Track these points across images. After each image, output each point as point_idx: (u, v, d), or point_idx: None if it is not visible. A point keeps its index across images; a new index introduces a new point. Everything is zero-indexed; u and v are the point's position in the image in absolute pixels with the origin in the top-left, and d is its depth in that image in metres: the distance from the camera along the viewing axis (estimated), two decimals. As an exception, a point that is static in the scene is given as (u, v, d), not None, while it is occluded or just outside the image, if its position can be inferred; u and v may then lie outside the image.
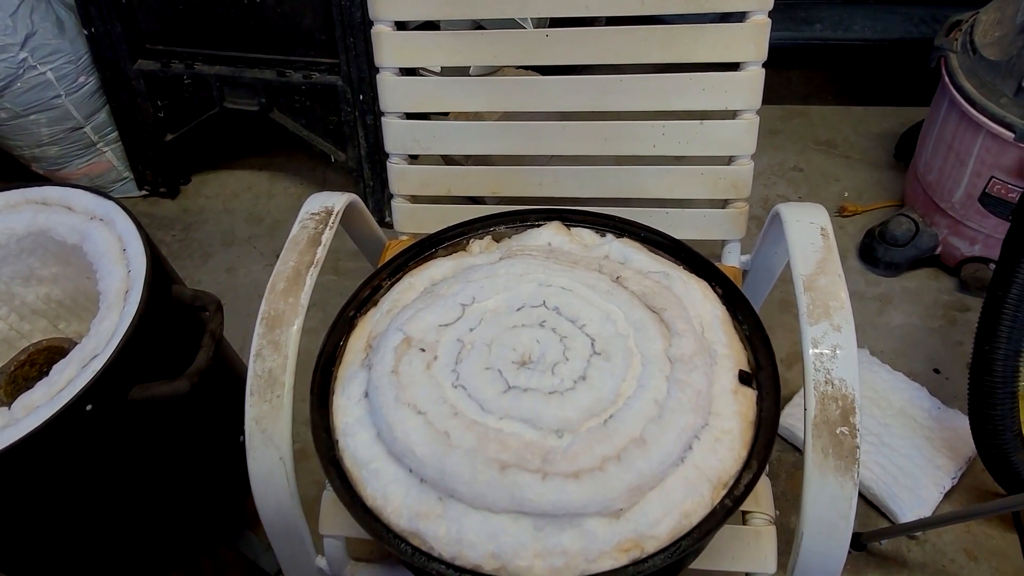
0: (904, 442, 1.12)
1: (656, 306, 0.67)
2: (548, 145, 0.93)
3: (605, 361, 0.62)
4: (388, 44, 0.88)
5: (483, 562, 0.54)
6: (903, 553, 1.06)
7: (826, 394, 0.64)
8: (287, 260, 0.77)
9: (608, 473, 0.55)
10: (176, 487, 0.92)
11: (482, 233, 0.79)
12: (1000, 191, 1.18)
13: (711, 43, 0.83)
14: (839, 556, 0.64)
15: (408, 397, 0.60)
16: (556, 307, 0.67)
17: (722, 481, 0.58)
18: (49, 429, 0.69)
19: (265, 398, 0.70)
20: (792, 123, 1.71)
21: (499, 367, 0.62)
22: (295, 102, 1.47)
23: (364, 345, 0.69)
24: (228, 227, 1.63)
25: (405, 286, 0.73)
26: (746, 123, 0.87)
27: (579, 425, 0.58)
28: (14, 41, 1.38)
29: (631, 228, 0.78)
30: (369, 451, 0.60)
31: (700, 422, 0.60)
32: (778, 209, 0.80)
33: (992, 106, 1.12)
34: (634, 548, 0.54)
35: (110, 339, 0.75)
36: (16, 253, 0.89)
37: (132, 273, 0.80)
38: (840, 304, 0.68)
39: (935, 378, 1.24)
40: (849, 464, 0.62)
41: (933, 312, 1.34)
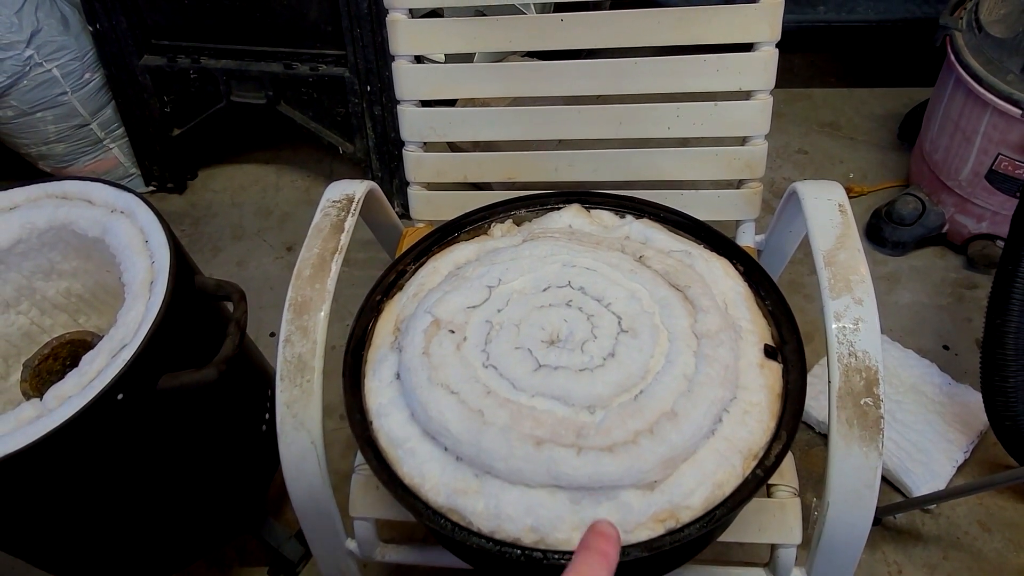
0: (916, 418, 1.14)
1: (680, 284, 0.68)
2: (563, 129, 0.93)
3: (633, 338, 0.63)
4: (403, 32, 0.89)
5: (522, 535, 0.55)
6: (917, 526, 1.08)
7: (850, 366, 0.65)
8: (311, 247, 0.77)
9: (641, 446, 0.56)
10: (201, 475, 0.93)
11: (503, 217, 0.80)
12: (1007, 168, 1.19)
13: (725, 24, 0.84)
14: (864, 525, 0.66)
15: (440, 377, 0.61)
16: (581, 287, 0.68)
17: (752, 452, 0.59)
18: (82, 418, 0.70)
19: (295, 383, 0.71)
20: (796, 106, 1.72)
21: (529, 346, 0.63)
22: (302, 94, 1.48)
23: (392, 328, 0.70)
24: (237, 221, 1.63)
25: (430, 270, 0.74)
26: (760, 103, 0.88)
27: (610, 400, 0.59)
28: (20, 39, 1.38)
29: (650, 209, 0.79)
30: (403, 431, 0.61)
31: (729, 395, 0.61)
32: (795, 187, 0.80)
33: (999, 83, 1.13)
34: (669, 518, 0.55)
35: (137, 329, 0.76)
36: (37, 248, 0.90)
37: (156, 264, 0.81)
38: (861, 278, 0.69)
39: (945, 354, 1.26)
40: (874, 434, 0.63)
41: (941, 290, 1.35)
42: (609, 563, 0.31)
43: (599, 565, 0.31)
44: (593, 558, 0.31)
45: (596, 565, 0.31)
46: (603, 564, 0.31)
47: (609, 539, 0.32)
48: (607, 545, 0.32)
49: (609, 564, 0.31)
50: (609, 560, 0.31)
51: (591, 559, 0.31)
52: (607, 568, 0.31)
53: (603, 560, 0.31)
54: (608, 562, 0.31)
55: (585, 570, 0.30)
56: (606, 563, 0.31)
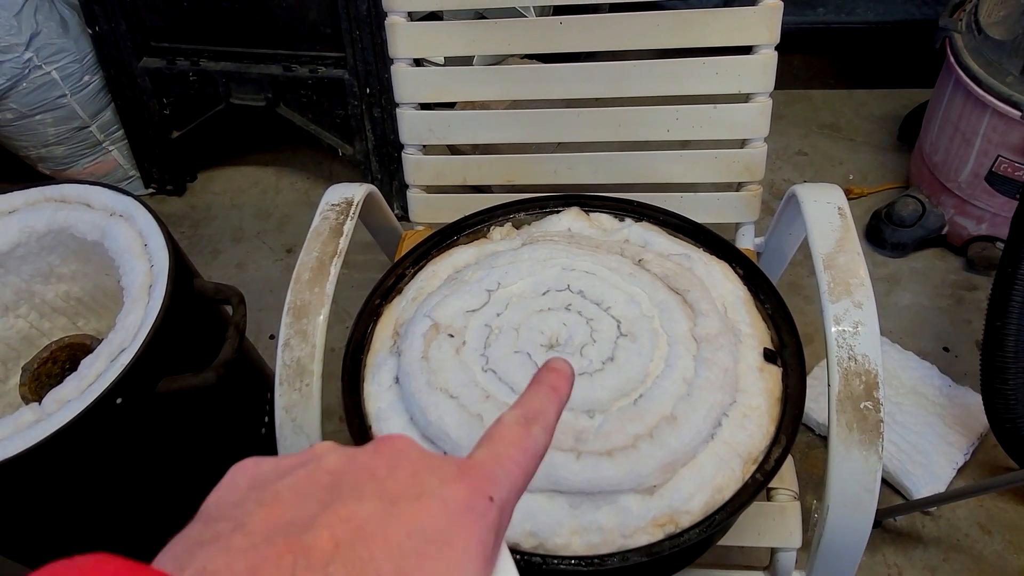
0: (916, 420, 1.14)
1: (679, 287, 0.68)
2: (562, 132, 0.93)
3: (632, 342, 0.63)
4: (402, 35, 0.89)
5: (521, 540, 0.55)
6: (918, 529, 1.08)
7: (849, 370, 0.65)
8: (311, 251, 0.77)
9: (641, 450, 0.56)
10: (200, 479, 0.93)
11: (502, 220, 0.80)
12: (1007, 170, 1.19)
13: (724, 27, 0.84)
14: (864, 530, 0.65)
15: (439, 382, 0.61)
16: (581, 290, 0.68)
17: (752, 456, 0.59)
18: (81, 423, 0.70)
19: (294, 387, 0.70)
20: (795, 107, 1.72)
21: (528, 350, 0.63)
22: (302, 96, 1.48)
23: (391, 332, 0.70)
24: (236, 223, 1.63)
25: (429, 273, 0.73)
26: (759, 106, 0.88)
27: (610, 405, 0.59)
28: (19, 41, 1.38)
29: (649, 212, 0.79)
30: (403, 435, 0.61)
31: (728, 399, 0.60)
32: (794, 190, 0.80)
33: (998, 85, 1.13)
34: (669, 523, 0.55)
35: (136, 333, 0.76)
36: (36, 251, 0.90)
37: (155, 268, 0.81)
38: (860, 281, 0.69)
39: (945, 356, 1.26)
40: (873, 438, 0.63)
41: (941, 291, 1.35)
42: (559, 398, 0.30)
43: (548, 398, 0.30)
44: (543, 390, 0.30)
45: (545, 398, 0.30)
46: (552, 398, 0.30)
47: (561, 375, 0.31)
48: (559, 380, 0.31)
49: (559, 399, 0.30)
50: (559, 395, 0.30)
51: (541, 392, 0.30)
52: (556, 402, 0.30)
53: (553, 394, 0.30)
54: (559, 397, 0.30)
55: (534, 403, 0.29)
56: (556, 397, 0.30)
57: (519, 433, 0.28)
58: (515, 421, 0.28)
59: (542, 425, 0.28)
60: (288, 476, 0.24)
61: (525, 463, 0.27)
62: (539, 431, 0.28)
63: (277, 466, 0.25)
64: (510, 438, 0.27)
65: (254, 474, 0.25)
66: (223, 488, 0.24)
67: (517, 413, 0.28)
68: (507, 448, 0.27)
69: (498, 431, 0.28)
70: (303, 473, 0.24)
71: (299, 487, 0.23)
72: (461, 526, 0.23)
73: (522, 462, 0.27)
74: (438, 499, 0.23)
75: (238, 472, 0.25)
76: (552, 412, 0.29)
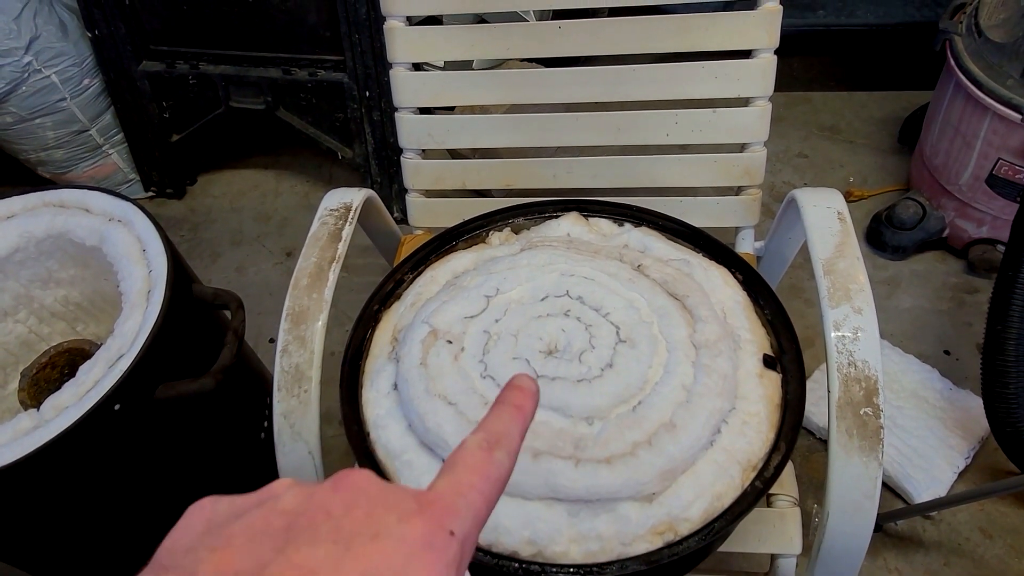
0: (917, 423, 1.14)
1: (678, 293, 0.68)
2: (562, 136, 0.93)
3: (631, 348, 0.63)
4: (401, 39, 0.89)
5: (519, 548, 0.55)
6: (919, 533, 1.07)
7: (849, 376, 0.65)
8: (309, 256, 0.77)
9: (640, 458, 0.56)
10: (199, 484, 0.92)
11: (501, 225, 0.80)
12: (1007, 172, 1.19)
13: (723, 31, 0.84)
14: (864, 536, 0.65)
15: (438, 388, 0.61)
16: (580, 296, 0.67)
17: (751, 463, 0.58)
18: (79, 429, 0.70)
19: (293, 393, 0.70)
20: (795, 110, 1.72)
21: (526, 357, 0.63)
22: (301, 100, 1.47)
23: (390, 338, 0.70)
24: (236, 226, 1.63)
25: (427, 279, 0.73)
26: (758, 110, 0.88)
27: (609, 411, 0.59)
28: (18, 45, 1.38)
29: (649, 217, 0.78)
30: (401, 442, 0.61)
31: (727, 406, 0.60)
32: (794, 195, 0.80)
33: (999, 88, 1.13)
34: (668, 531, 0.55)
35: (135, 339, 0.76)
36: (35, 256, 0.90)
37: (153, 273, 0.81)
38: (860, 287, 0.68)
39: (946, 359, 1.25)
40: (874, 444, 0.63)
41: (942, 294, 1.35)
42: (524, 417, 0.29)
43: (511, 418, 0.29)
44: (507, 411, 0.29)
45: (508, 419, 0.29)
46: (516, 418, 0.29)
47: (525, 392, 0.30)
48: (523, 398, 0.30)
49: (524, 418, 0.29)
50: (523, 414, 0.30)
51: (504, 413, 0.29)
52: (521, 422, 0.29)
53: (517, 414, 0.29)
54: (523, 416, 0.29)
55: (497, 425, 0.28)
56: (520, 417, 0.29)
57: (481, 458, 0.27)
58: (477, 446, 0.27)
59: (505, 449, 0.28)
60: (243, 518, 0.23)
61: (487, 490, 0.26)
62: (502, 455, 0.27)
63: (232, 506, 0.24)
64: (472, 464, 0.27)
65: (210, 516, 0.24)
66: (178, 531, 0.24)
67: (479, 437, 0.28)
68: (468, 475, 0.26)
69: (460, 457, 0.27)
70: (258, 515, 0.23)
71: (253, 530, 0.23)
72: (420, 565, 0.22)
73: (484, 489, 0.26)
74: (395, 538, 0.23)
75: (194, 513, 0.25)
76: (516, 434, 0.29)
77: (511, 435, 0.28)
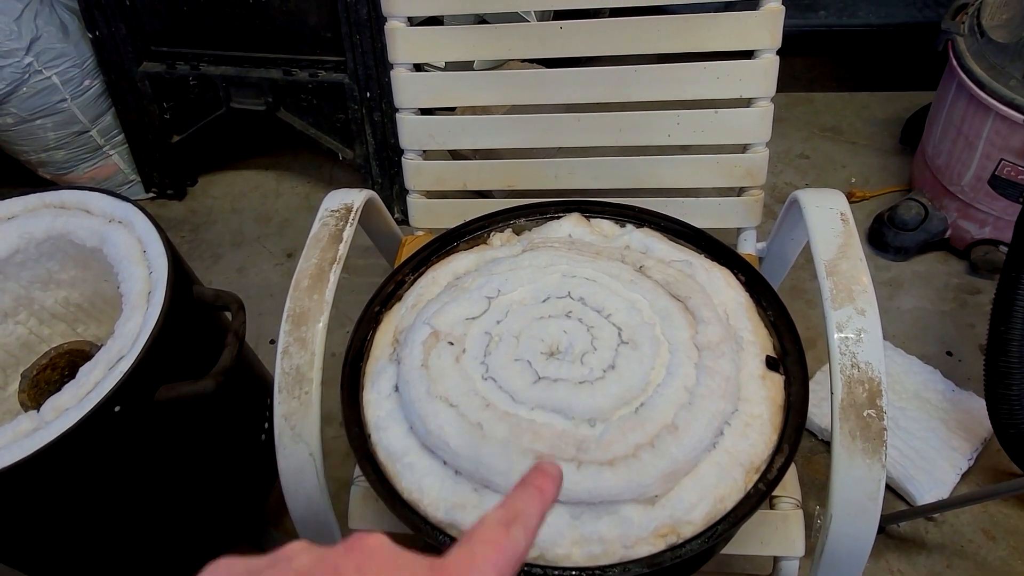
0: (920, 425, 1.13)
1: (680, 294, 0.68)
2: (563, 137, 0.93)
3: (633, 350, 0.63)
4: (402, 40, 0.89)
5: (521, 551, 0.54)
6: (921, 535, 1.07)
7: (852, 377, 0.64)
8: (310, 257, 0.77)
9: (642, 460, 0.56)
10: (199, 486, 0.92)
11: (502, 226, 0.80)
12: (1010, 173, 1.19)
13: (725, 32, 0.83)
14: (868, 538, 0.65)
15: (439, 390, 0.61)
16: (581, 297, 0.67)
17: (754, 466, 0.58)
18: (79, 431, 0.69)
19: (293, 395, 0.70)
20: (797, 110, 1.72)
21: (528, 358, 0.63)
22: (302, 101, 1.47)
23: (391, 340, 0.69)
24: (237, 227, 1.63)
25: (429, 280, 0.73)
26: (761, 111, 0.87)
27: (611, 413, 0.59)
28: (19, 46, 1.38)
29: (650, 218, 0.78)
30: (402, 445, 0.61)
31: (730, 408, 0.60)
32: (796, 196, 0.80)
33: (1001, 88, 1.12)
34: (671, 533, 0.55)
35: (135, 340, 0.75)
36: (35, 257, 0.89)
37: (154, 275, 0.81)
38: (863, 288, 0.68)
39: (948, 360, 1.25)
40: (877, 446, 0.63)
41: (944, 295, 1.35)
42: (544, 500, 0.30)
43: (532, 499, 0.30)
44: (528, 492, 0.30)
45: (529, 500, 0.29)
46: (537, 499, 0.30)
47: (548, 476, 0.31)
48: (546, 482, 0.31)
49: (544, 501, 0.30)
50: (545, 497, 0.30)
51: (526, 493, 0.30)
52: (541, 504, 0.30)
53: (538, 495, 0.30)
54: (544, 499, 0.30)
55: (518, 504, 0.29)
56: (541, 499, 0.30)
57: (498, 534, 0.27)
58: (496, 521, 0.28)
59: (523, 526, 0.28)
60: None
61: (502, 565, 0.27)
62: (519, 533, 0.28)
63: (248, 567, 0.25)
64: (488, 538, 0.27)
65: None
66: None
67: (499, 514, 0.28)
68: (484, 548, 0.27)
69: (477, 531, 0.27)
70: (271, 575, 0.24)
71: None
72: None
73: (499, 563, 0.26)
74: None
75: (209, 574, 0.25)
76: (535, 514, 0.29)
77: (530, 514, 0.29)
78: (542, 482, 0.31)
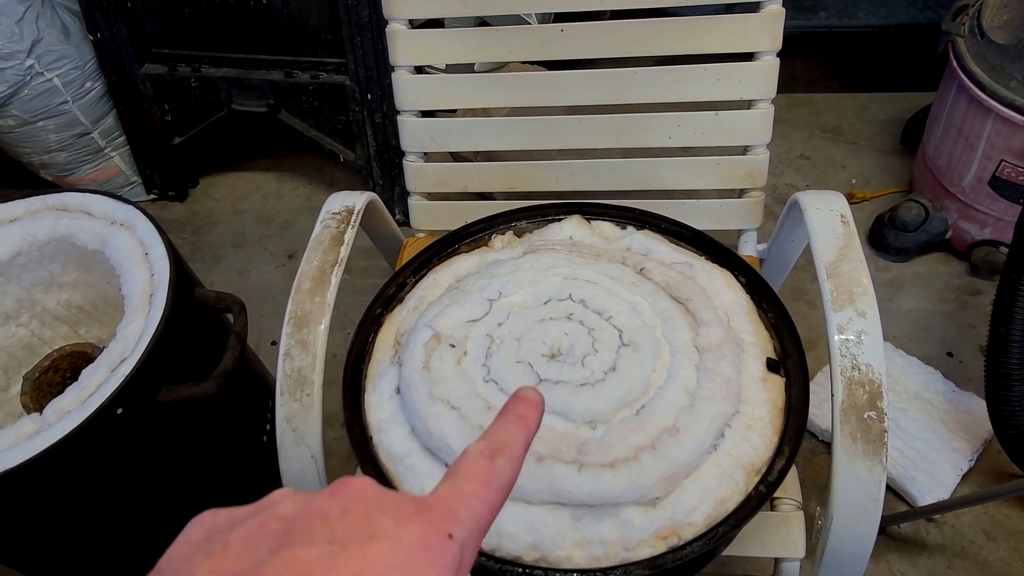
0: (920, 426, 1.13)
1: (681, 296, 0.68)
2: (564, 139, 0.93)
3: (634, 352, 0.63)
4: (403, 42, 0.89)
5: (523, 553, 0.55)
6: (922, 536, 1.07)
7: (853, 379, 0.65)
8: (311, 260, 0.77)
9: (643, 462, 0.56)
10: (201, 487, 0.92)
11: (503, 228, 0.80)
12: (1010, 174, 1.19)
13: (726, 34, 0.84)
14: (868, 539, 0.65)
15: (441, 393, 0.61)
16: (582, 300, 0.67)
17: (755, 468, 0.58)
18: (81, 433, 0.70)
19: (295, 397, 0.70)
20: (797, 111, 1.72)
21: (529, 360, 0.63)
22: (303, 102, 1.48)
23: (392, 342, 0.69)
24: (238, 229, 1.63)
25: (430, 282, 0.73)
26: (761, 112, 0.87)
27: (612, 416, 0.59)
28: (20, 48, 1.38)
29: (651, 220, 0.78)
30: (404, 447, 0.61)
31: (731, 410, 0.60)
32: (796, 197, 0.80)
33: (1002, 90, 1.13)
34: (672, 535, 0.55)
35: (137, 343, 0.76)
36: (38, 260, 0.90)
37: (155, 277, 0.81)
38: (864, 290, 0.68)
39: (949, 361, 1.25)
40: (877, 448, 0.63)
41: (944, 296, 1.35)
42: (527, 427, 0.30)
43: (515, 428, 0.29)
44: (510, 421, 0.29)
45: (512, 428, 0.29)
46: (520, 427, 0.29)
47: (529, 403, 0.30)
48: (527, 408, 0.30)
49: (527, 428, 0.30)
50: (527, 424, 0.30)
51: (508, 422, 0.29)
52: (524, 432, 0.29)
53: (520, 423, 0.29)
54: (526, 426, 0.30)
55: (500, 434, 0.29)
56: (524, 426, 0.29)
57: (483, 466, 0.27)
58: (479, 453, 0.27)
59: (508, 456, 0.28)
60: (241, 526, 0.24)
61: (489, 497, 0.26)
62: (504, 463, 0.27)
63: (232, 516, 0.25)
64: (473, 472, 0.27)
65: (209, 526, 0.24)
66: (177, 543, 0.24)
67: (481, 445, 0.28)
68: (469, 482, 0.26)
69: (461, 465, 0.27)
70: (255, 522, 0.24)
71: (249, 536, 0.23)
72: (416, 565, 0.23)
73: (485, 496, 0.26)
74: (391, 540, 0.23)
75: (194, 525, 0.25)
76: (519, 442, 0.29)
77: (514, 443, 0.29)
78: (524, 409, 0.30)
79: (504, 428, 0.29)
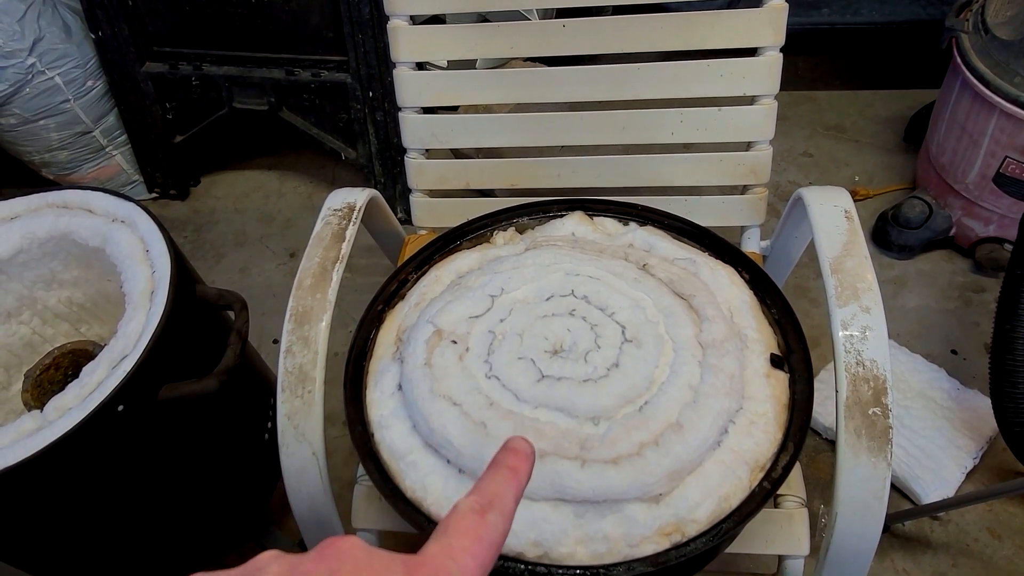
0: (925, 424, 1.13)
1: (684, 292, 0.67)
2: (566, 136, 0.93)
3: (637, 348, 0.62)
4: (405, 39, 0.88)
5: (525, 550, 0.54)
6: (926, 534, 1.07)
7: (857, 375, 0.64)
8: (312, 256, 0.77)
9: (646, 458, 0.55)
10: (203, 485, 0.92)
11: (505, 225, 0.79)
12: (1015, 171, 1.18)
13: (729, 29, 0.83)
14: (873, 536, 0.65)
15: (442, 389, 0.61)
16: (585, 296, 0.67)
17: (759, 464, 0.58)
18: (82, 431, 0.69)
19: (296, 394, 0.70)
20: (800, 108, 1.71)
21: (532, 357, 0.62)
22: (304, 100, 1.47)
23: (394, 339, 0.69)
24: (239, 227, 1.63)
25: (432, 279, 0.73)
26: (764, 108, 0.87)
27: (615, 412, 0.59)
28: (22, 47, 1.38)
29: (654, 216, 0.78)
30: (405, 443, 0.60)
31: (734, 406, 0.60)
32: (800, 193, 0.80)
33: (1006, 86, 1.12)
34: (675, 532, 0.54)
35: (138, 340, 0.75)
36: (38, 257, 0.89)
37: (156, 274, 0.80)
38: (868, 286, 0.68)
39: (953, 359, 1.25)
40: (882, 444, 0.62)
41: (948, 293, 1.34)
42: (518, 479, 0.29)
43: (505, 481, 0.29)
44: (501, 473, 0.29)
45: (502, 481, 0.29)
46: (511, 479, 0.29)
47: (520, 454, 0.30)
48: (518, 460, 0.30)
49: (518, 480, 0.29)
50: (519, 476, 0.29)
51: (498, 475, 0.29)
52: (515, 485, 0.29)
53: (511, 476, 0.29)
54: (517, 479, 0.29)
55: (491, 487, 0.28)
56: (515, 479, 0.29)
57: (474, 521, 0.27)
58: (470, 508, 0.27)
59: (499, 511, 0.28)
60: None
61: (480, 554, 0.26)
62: (495, 518, 0.27)
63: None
64: (464, 527, 0.26)
65: None
66: None
67: (472, 500, 0.28)
68: (460, 539, 0.26)
69: (452, 521, 0.27)
70: None
71: None
72: None
73: (477, 553, 0.26)
74: None
75: None
76: (511, 496, 0.29)
77: (505, 497, 0.28)
78: (515, 461, 0.30)
79: (495, 481, 0.29)
